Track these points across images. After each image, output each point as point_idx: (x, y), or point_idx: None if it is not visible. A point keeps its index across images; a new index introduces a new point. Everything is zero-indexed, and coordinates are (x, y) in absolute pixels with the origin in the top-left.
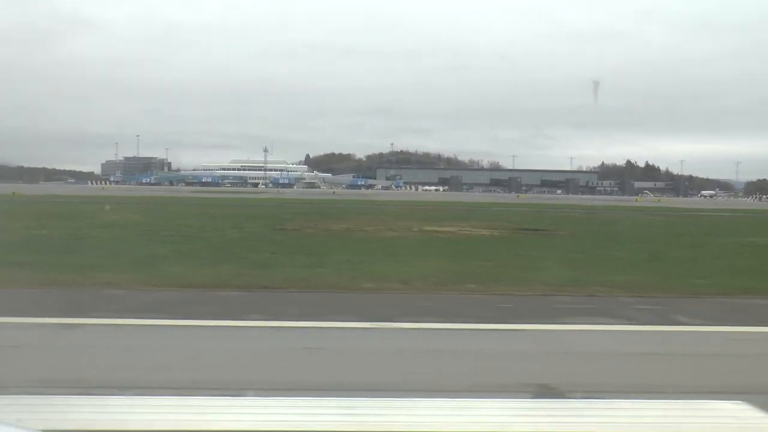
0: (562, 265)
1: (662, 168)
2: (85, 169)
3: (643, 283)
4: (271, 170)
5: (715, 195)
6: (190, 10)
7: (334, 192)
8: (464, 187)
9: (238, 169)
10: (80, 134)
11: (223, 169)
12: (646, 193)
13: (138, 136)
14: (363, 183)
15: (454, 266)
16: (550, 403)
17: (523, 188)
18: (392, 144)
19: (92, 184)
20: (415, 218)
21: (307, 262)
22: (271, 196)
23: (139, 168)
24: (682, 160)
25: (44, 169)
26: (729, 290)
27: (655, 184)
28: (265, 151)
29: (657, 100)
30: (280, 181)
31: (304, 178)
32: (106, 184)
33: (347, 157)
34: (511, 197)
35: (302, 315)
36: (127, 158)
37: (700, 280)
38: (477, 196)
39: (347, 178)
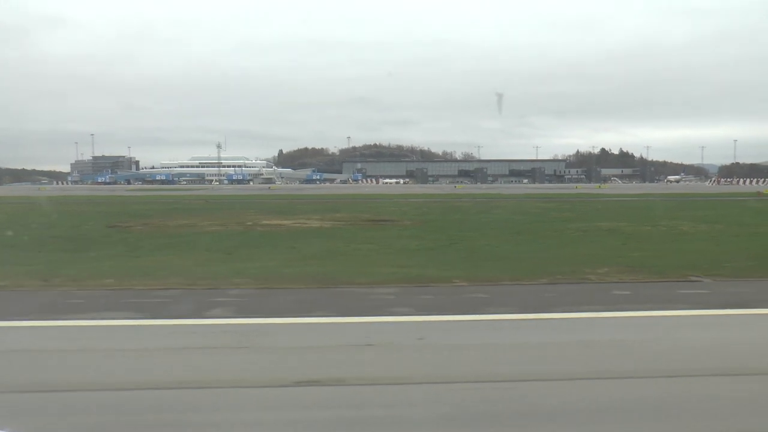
0: (299, 258)
1: (636, 155)
2: (65, 169)
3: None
4: (229, 166)
5: (681, 179)
6: (164, 6)
7: (270, 187)
8: (430, 178)
9: (197, 166)
10: (59, 133)
11: (182, 167)
12: (614, 180)
13: (92, 135)
14: (318, 177)
15: (173, 262)
16: None
17: (489, 178)
18: (349, 137)
19: (57, 183)
20: (277, 212)
21: (36, 260)
22: (199, 192)
23: (107, 166)
24: (647, 147)
25: (24, 170)
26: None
27: (622, 171)
28: (219, 147)
29: (635, 87)
30: (234, 178)
31: (262, 174)
32: (62, 184)
33: (320, 152)
34: (449, 188)
35: None
36: (95, 157)
37: (378, 268)
38: (427, 188)
39: (306, 172)
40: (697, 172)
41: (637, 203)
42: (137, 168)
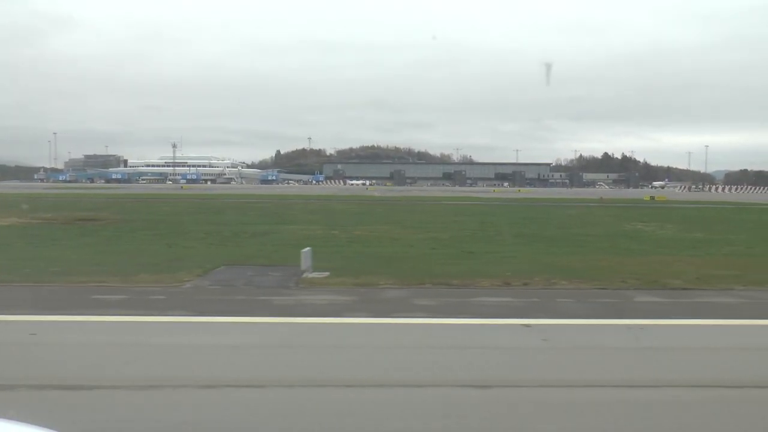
0: None
1: (642, 160)
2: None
3: None
4: (194, 166)
5: (665, 185)
6: (175, 8)
7: (182, 187)
8: (408, 180)
9: (162, 166)
10: (72, 132)
11: (148, 166)
12: (601, 184)
13: (55, 133)
14: (275, 178)
15: None
16: None
17: (468, 181)
18: (310, 138)
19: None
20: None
21: None
22: (98, 191)
23: (99, 165)
24: (632, 151)
25: (42, 168)
26: None
27: (608, 176)
28: (174, 147)
29: (652, 91)
30: (188, 177)
31: (225, 174)
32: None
33: (317, 153)
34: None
35: None
36: (87, 156)
37: None
38: (347, 189)
39: (271, 173)
40: (702, 178)
41: (472, 208)
42: (125, 166)
